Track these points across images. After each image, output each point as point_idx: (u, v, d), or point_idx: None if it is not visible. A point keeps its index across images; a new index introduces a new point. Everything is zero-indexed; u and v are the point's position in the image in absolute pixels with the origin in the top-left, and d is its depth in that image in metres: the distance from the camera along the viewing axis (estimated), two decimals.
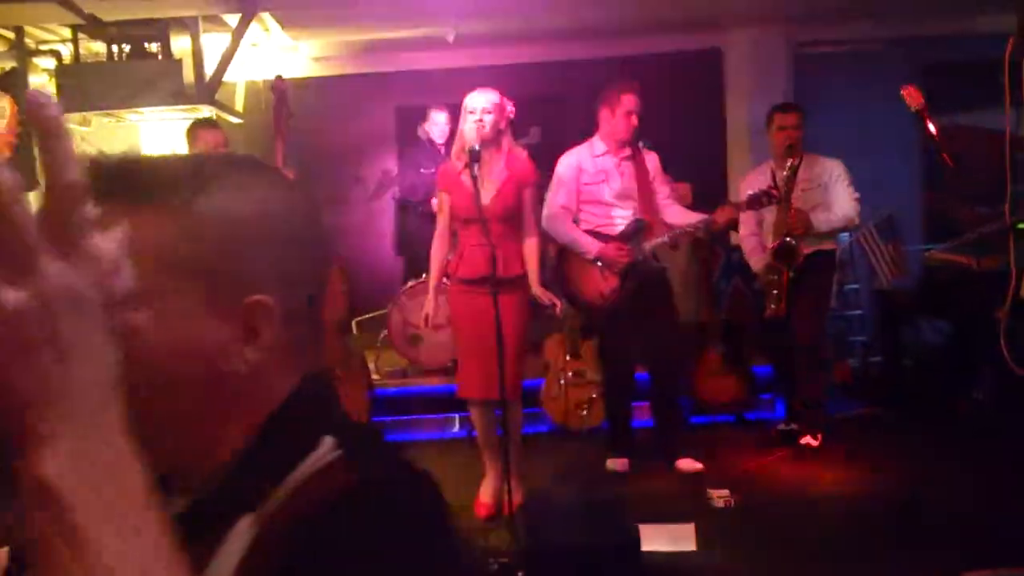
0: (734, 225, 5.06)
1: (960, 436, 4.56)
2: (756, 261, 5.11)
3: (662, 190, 4.80)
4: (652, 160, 4.82)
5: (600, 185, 4.72)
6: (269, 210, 0.83)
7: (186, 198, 0.79)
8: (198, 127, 4.75)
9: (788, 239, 4.79)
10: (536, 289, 4.24)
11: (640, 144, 4.89)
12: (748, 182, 5.10)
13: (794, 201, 4.83)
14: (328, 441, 0.80)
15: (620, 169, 4.73)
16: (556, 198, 4.73)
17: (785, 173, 4.83)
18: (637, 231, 4.67)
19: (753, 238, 5.16)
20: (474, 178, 3.87)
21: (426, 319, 4.35)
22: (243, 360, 0.80)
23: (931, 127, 4.04)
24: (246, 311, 0.79)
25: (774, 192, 4.54)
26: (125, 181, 0.78)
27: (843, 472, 4.63)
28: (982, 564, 3.36)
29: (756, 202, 4.57)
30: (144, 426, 0.81)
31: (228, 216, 0.80)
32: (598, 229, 4.72)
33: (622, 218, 4.70)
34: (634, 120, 4.67)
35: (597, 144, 4.77)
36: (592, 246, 4.66)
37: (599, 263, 4.65)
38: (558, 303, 4.38)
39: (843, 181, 4.97)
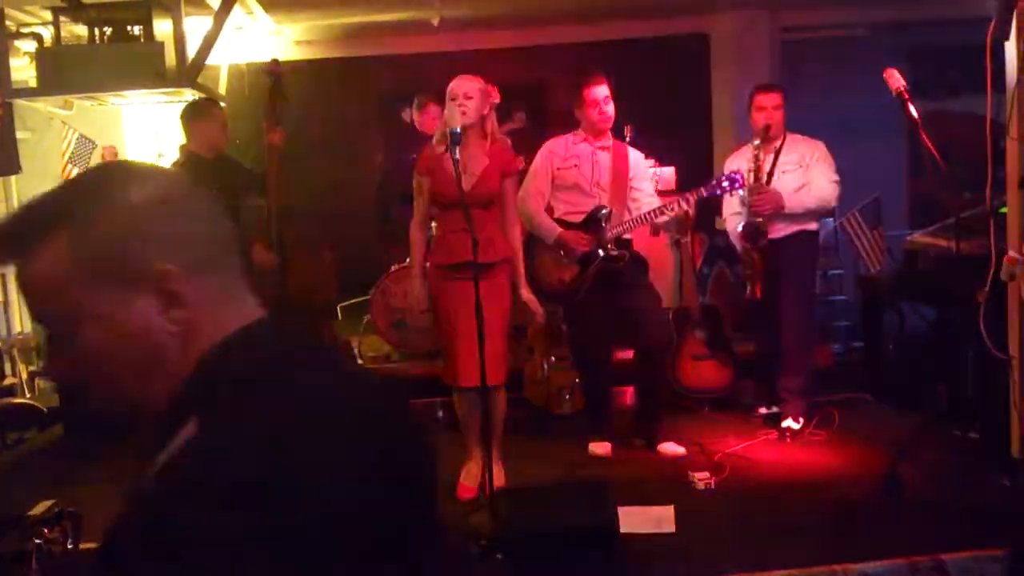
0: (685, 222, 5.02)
1: (940, 420, 4.60)
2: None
3: (643, 187, 4.79)
4: (635, 156, 4.81)
5: (571, 171, 4.72)
6: (131, 200, 0.96)
7: (60, 226, 0.94)
8: (209, 106, 4.95)
9: (754, 219, 4.80)
10: (524, 294, 4.26)
11: (627, 137, 4.89)
12: (730, 162, 5.11)
13: (774, 182, 4.83)
14: (192, 423, 0.90)
15: (594, 158, 4.72)
16: (530, 181, 4.75)
17: (754, 152, 4.85)
18: (598, 220, 4.67)
19: (736, 218, 5.05)
20: (455, 161, 3.85)
21: (419, 303, 4.31)
22: (172, 320, 0.95)
23: (912, 111, 4.05)
24: (154, 281, 0.94)
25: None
26: (8, 241, 0.96)
27: (824, 455, 4.65)
28: (961, 546, 3.40)
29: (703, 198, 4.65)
30: (108, 392, 0.98)
31: (98, 221, 0.94)
32: (566, 217, 4.73)
33: (595, 207, 4.71)
34: (604, 110, 4.65)
35: (578, 132, 4.79)
36: (552, 231, 4.67)
37: (560, 249, 4.67)
38: (540, 312, 4.38)
39: (824, 163, 4.93)
